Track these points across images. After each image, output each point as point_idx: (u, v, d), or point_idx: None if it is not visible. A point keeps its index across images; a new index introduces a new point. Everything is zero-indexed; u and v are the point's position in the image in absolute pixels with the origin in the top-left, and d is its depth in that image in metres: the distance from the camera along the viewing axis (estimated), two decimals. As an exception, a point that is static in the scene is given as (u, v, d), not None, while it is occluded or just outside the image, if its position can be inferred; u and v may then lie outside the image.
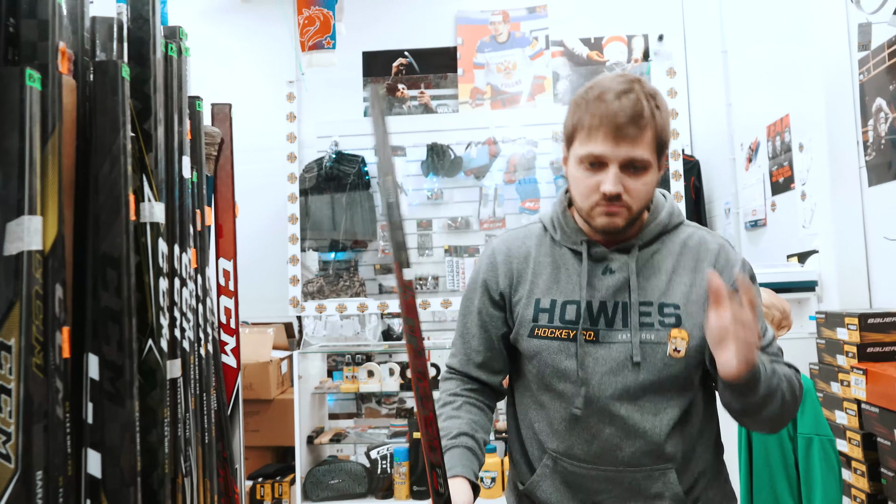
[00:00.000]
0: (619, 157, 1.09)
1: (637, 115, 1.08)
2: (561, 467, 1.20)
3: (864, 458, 2.26)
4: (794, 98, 3.21)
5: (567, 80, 4.75)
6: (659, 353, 1.14)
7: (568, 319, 1.17)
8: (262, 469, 3.67)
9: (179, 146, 0.97)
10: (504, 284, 1.24)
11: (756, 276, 1.24)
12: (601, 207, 1.12)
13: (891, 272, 2.61)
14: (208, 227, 1.16)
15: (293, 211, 3.61)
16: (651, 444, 1.15)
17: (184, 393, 0.95)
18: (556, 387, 1.19)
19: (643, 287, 1.16)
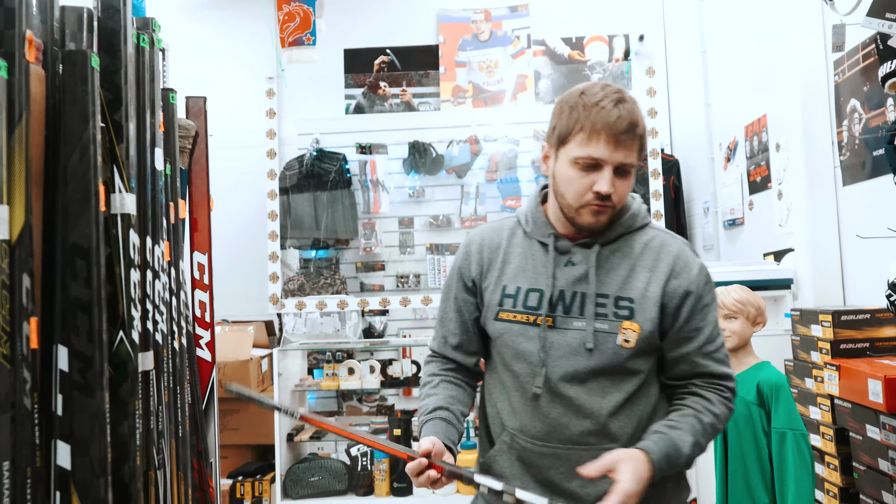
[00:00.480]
0: (616, 161, 1.19)
1: (633, 124, 1.19)
2: (517, 444, 1.28)
3: (837, 453, 2.30)
4: (771, 98, 3.25)
5: (548, 79, 4.77)
6: (610, 342, 1.23)
7: (530, 305, 1.26)
8: (242, 467, 3.65)
9: (152, 138, 0.96)
10: (476, 272, 1.34)
11: (713, 279, 1.33)
12: (592, 206, 1.22)
13: (864, 270, 2.65)
14: (182, 220, 1.15)
15: (273, 208, 3.60)
16: (597, 424, 1.23)
17: (157, 386, 0.94)
18: (514, 367, 1.28)
19: (602, 280, 1.25)
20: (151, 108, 0.94)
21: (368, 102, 4.80)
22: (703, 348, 1.27)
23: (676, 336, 1.27)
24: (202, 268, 1.19)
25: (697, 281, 1.27)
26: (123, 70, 0.86)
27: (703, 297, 1.28)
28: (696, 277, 1.27)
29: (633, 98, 1.23)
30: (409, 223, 4.50)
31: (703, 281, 1.28)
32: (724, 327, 2.17)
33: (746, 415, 2.10)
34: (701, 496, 2.86)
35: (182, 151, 1.19)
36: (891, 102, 2.39)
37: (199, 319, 1.19)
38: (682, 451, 1.18)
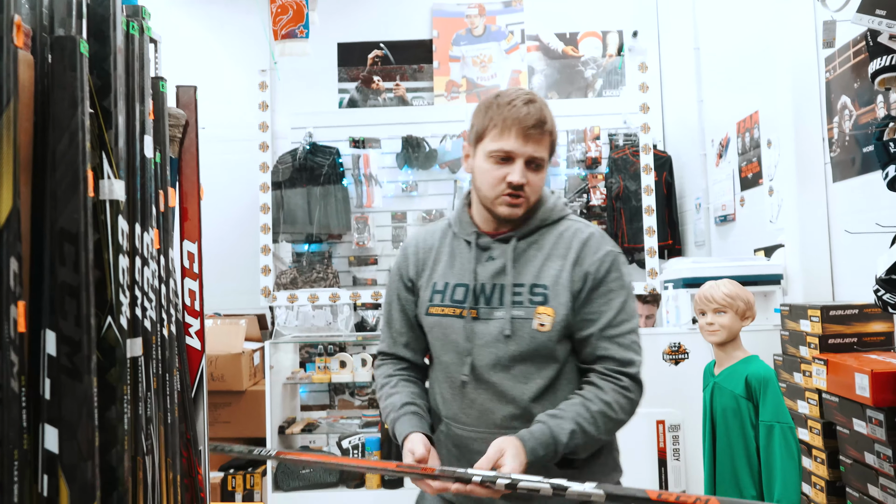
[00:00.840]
0: (526, 154, 1.31)
1: (542, 121, 1.31)
2: (452, 432, 1.37)
3: (825, 447, 2.32)
4: (763, 95, 3.26)
5: (542, 74, 4.78)
6: (526, 328, 1.31)
7: (456, 299, 1.37)
8: (233, 460, 3.65)
9: (141, 125, 0.97)
10: (413, 272, 1.45)
11: (624, 264, 1.41)
12: (506, 197, 1.32)
13: (853, 266, 2.67)
14: (172, 208, 1.15)
15: (265, 200, 3.60)
16: (519, 409, 1.31)
17: (145, 372, 0.94)
18: (444, 358, 1.38)
19: (518, 271, 1.35)
20: (141, 95, 0.95)
21: (362, 97, 4.79)
22: (604, 331, 1.33)
23: (579, 317, 1.34)
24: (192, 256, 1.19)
25: (599, 265, 1.34)
26: (112, 57, 0.87)
27: (605, 280, 1.35)
28: (599, 261, 1.35)
29: (544, 101, 1.35)
30: (402, 217, 4.51)
31: (607, 266, 1.35)
32: (712, 321, 2.19)
33: (735, 408, 2.11)
34: (689, 488, 2.88)
35: (172, 140, 1.19)
36: (881, 99, 2.41)
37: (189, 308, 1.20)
38: (560, 439, 1.24)
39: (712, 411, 2.21)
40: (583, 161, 4.34)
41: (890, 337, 2.38)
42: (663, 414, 2.92)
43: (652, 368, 2.90)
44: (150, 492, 0.92)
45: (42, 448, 0.78)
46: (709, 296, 2.20)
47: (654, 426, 2.92)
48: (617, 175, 4.23)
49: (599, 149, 4.33)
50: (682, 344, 2.94)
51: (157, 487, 0.96)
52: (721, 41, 3.87)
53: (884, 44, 1.96)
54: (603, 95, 4.74)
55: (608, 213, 4.27)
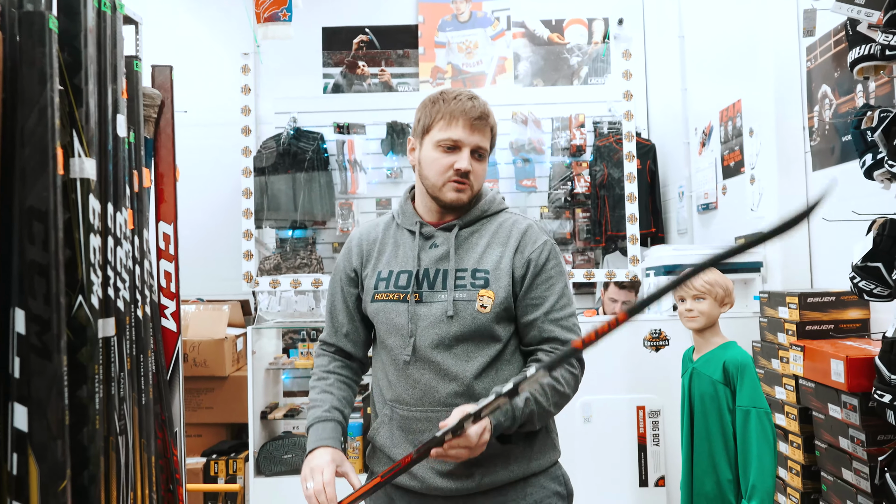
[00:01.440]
0: (472, 143, 1.40)
1: (485, 114, 1.43)
2: (396, 414, 1.42)
3: (801, 432, 2.35)
4: (745, 84, 3.28)
5: (528, 61, 4.77)
6: (469, 309, 1.38)
7: (400, 285, 1.43)
8: (216, 446, 3.65)
9: (114, 104, 0.95)
10: (357, 263, 1.51)
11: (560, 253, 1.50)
12: (453, 183, 1.41)
13: (831, 254, 2.70)
14: (147, 189, 1.14)
15: (247, 185, 3.57)
16: (462, 386, 1.38)
17: (118, 352, 0.94)
18: (388, 342, 1.44)
19: (461, 257, 1.43)
20: (113, 73, 0.93)
21: (347, 82, 4.76)
22: (549, 314, 1.42)
23: (524, 302, 1.43)
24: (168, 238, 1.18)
25: (539, 253, 1.44)
26: (83, 34, 0.85)
27: (545, 268, 1.44)
28: (539, 250, 1.44)
29: (485, 100, 1.47)
30: (386, 204, 4.49)
31: (546, 255, 1.45)
32: (691, 307, 2.21)
33: (712, 393, 2.14)
34: (668, 473, 2.92)
35: (147, 120, 1.17)
36: (860, 88, 2.43)
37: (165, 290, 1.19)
38: (517, 404, 1.32)
39: (690, 396, 2.23)
40: (567, 149, 4.34)
41: (866, 324, 2.41)
42: (643, 400, 2.95)
43: (633, 355, 2.95)
44: (122, 472, 0.91)
45: (11, 426, 0.77)
46: (688, 282, 2.22)
47: (634, 412, 2.95)
48: (601, 163, 4.24)
49: (584, 136, 4.33)
50: (662, 331, 2.97)
51: (131, 468, 0.96)
52: (705, 30, 3.88)
53: (863, 32, 1.98)
54: (588, 83, 4.73)
55: (592, 200, 4.28)
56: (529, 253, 1.44)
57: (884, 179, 1.97)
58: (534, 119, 4.31)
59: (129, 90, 1.04)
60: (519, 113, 4.29)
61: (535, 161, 4.37)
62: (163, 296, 1.20)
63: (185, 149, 4.41)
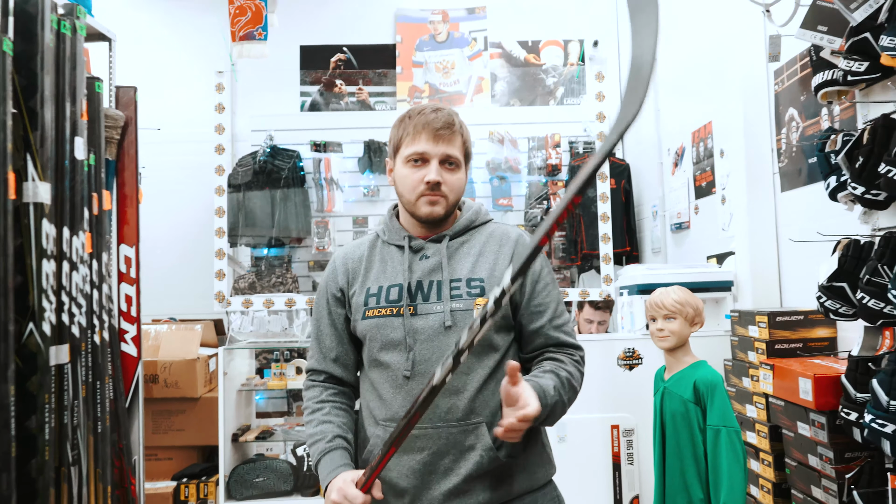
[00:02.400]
0: (439, 153, 1.38)
1: (449, 122, 1.40)
2: (389, 434, 1.33)
3: (771, 449, 2.37)
4: (716, 106, 3.33)
5: (504, 81, 4.81)
6: (467, 319, 1.36)
7: (392, 299, 1.40)
8: (187, 469, 3.58)
9: (72, 126, 0.94)
10: (343, 282, 1.47)
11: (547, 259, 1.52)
12: (426, 197, 1.39)
13: (800, 273, 2.74)
14: (108, 211, 1.13)
15: (220, 204, 3.54)
16: (463, 401, 1.34)
17: (72, 380, 0.92)
18: (384, 359, 1.39)
19: (453, 267, 1.42)
20: (72, 96, 0.92)
21: (324, 100, 4.76)
22: (553, 321, 1.44)
23: (527, 311, 1.43)
24: (129, 261, 1.16)
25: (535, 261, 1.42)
26: (40, 56, 0.84)
27: (541, 275, 1.45)
28: None
29: (454, 111, 1.45)
30: (363, 223, 4.48)
31: (541, 262, 1.46)
32: (662, 327, 2.22)
33: (683, 412, 2.15)
34: (643, 492, 2.92)
35: (109, 142, 1.16)
36: (825, 111, 2.48)
37: (125, 314, 1.17)
38: (549, 392, 1.31)
39: (662, 415, 2.24)
40: (543, 168, 4.38)
41: (833, 342, 2.45)
42: (618, 418, 2.95)
43: (607, 374, 2.96)
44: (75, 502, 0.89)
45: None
46: (659, 302, 2.24)
47: (608, 431, 2.95)
48: (576, 182, 4.26)
49: (560, 156, 4.37)
50: (636, 349, 2.98)
51: (85, 498, 0.93)
52: (677, 53, 3.94)
53: (826, 59, 2.03)
54: (564, 103, 4.78)
55: (568, 219, 4.31)
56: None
57: (847, 201, 2.01)
58: (510, 138, 4.34)
59: (89, 112, 1.03)
60: (496, 132, 4.32)
61: (512, 180, 4.39)
62: (123, 320, 1.18)
63: (159, 166, 4.42)
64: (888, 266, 1.75)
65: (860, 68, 1.87)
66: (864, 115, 2.04)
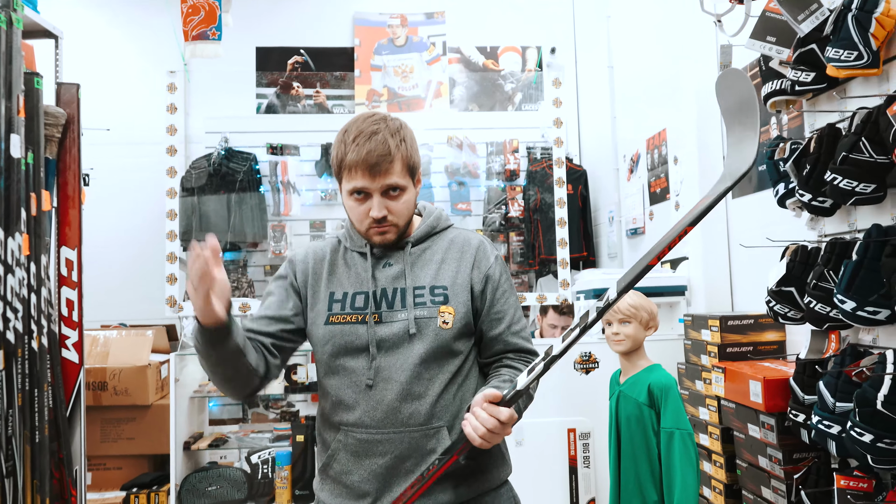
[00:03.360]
0: (377, 187, 1.35)
1: (384, 154, 1.33)
2: (352, 439, 1.38)
3: (723, 451, 2.41)
4: (670, 113, 3.40)
5: (463, 86, 4.82)
6: (431, 326, 1.38)
7: (357, 306, 1.40)
8: (137, 478, 3.48)
9: (7, 123, 0.90)
10: (303, 279, 1.46)
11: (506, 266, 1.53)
12: (374, 229, 1.38)
13: (750, 278, 2.80)
14: (47, 212, 1.08)
15: (172, 206, 3.46)
16: (425, 405, 1.36)
17: (6, 387, 0.87)
18: (347, 365, 1.38)
19: (416, 275, 1.42)
20: (7, 91, 0.88)
21: (281, 103, 4.70)
22: (511, 328, 1.46)
23: (487, 318, 1.45)
24: (70, 264, 1.12)
25: (494, 268, 1.47)
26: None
27: (500, 282, 1.47)
28: (493, 265, 1.47)
29: (395, 125, 1.38)
30: (320, 226, 4.43)
31: (500, 269, 1.48)
32: (618, 331, 2.25)
33: (638, 415, 2.17)
34: (599, 494, 2.94)
35: (49, 140, 1.11)
36: (774, 120, 2.54)
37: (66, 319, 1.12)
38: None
39: (617, 419, 2.26)
40: (502, 173, 4.40)
41: (782, 345, 2.50)
42: (574, 422, 2.97)
43: (563, 377, 2.97)
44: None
45: None
46: (615, 307, 2.26)
47: (565, 434, 2.96)
48: (534, 187, 4.30)
49: (518, 161, 4.40)
50: (592, 353, 3.00)
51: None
52: (633, 61, 4.01)
53: (774, 69, 2.07)
54: (522, 109, 4.82)
55: (526, 224, 4.34)
56: (486, 268, 1.45)
57: (795, 208, 2.06)
58: (469, 143, 4.35)
59: (27, 108, 0.99)
60: (454, 137, 4.33)
61: (470, 185, 4.41)
62: (64, 325, 1.13)
63: (109, 168, 4.30)
64: (834, 271, 1.80)
65: (807, 79, 1.92)
66: (811, 123, 2.10)
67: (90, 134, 2.79)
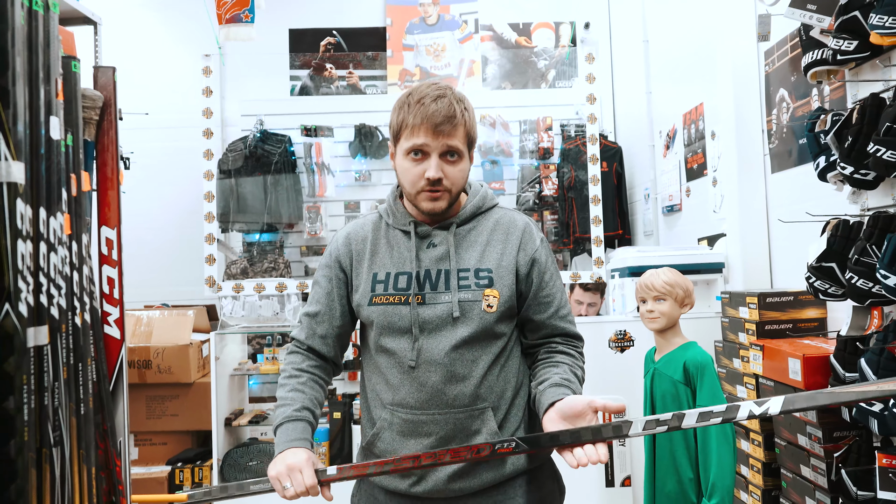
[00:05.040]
0: (438, 147, 1.34)
1: (450, 116, 1.34)
2: (397, 418, 1.39)
3: (761, 430, 2.38)
4: (707, 87, 3.32)
5: (496, 64, 4.78)
6: (475, 309, 1.37)
7: (400, 287, 1.39)
8: (182, 454, 3.59)
9: (47, 106, 0.93)
10: (346, 262, 1.46)
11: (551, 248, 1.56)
12: (426, 193, 1.36)
13: (790, 255, 2.74)
14: (87, 192, 1.12)
15: (209, 188, 3.52)
16: (469, 387, 1.36)
17: (52, 361, 0.91)
18: (390, 346, 1.39)
19: (461, 256, 1.41)
20: (46, 74, 0.91)
21: (314, 84, 4.73)
22: (559, 312, 1.46)
23: (534, 301, 1.43)
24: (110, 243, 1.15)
25: (540, 251, 1.45)
26: (11, 33, 0.83)
27: (547, 265, 1.46)
28: (540, 247, 1.45)
29: (459, 95, 1.40)
30: (354, 207, 4.47)
31: (546, 252, 1.47)
32: (652, 308, 2.23)
33: (673, 392, 2.16)
34: (634, 473, 2.94)
35: (87, 122, 1.15)
36: (815, 92, 2.47)
37: (108, 296, 1.16)
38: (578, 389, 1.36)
39: (652, 397, 2.25)
40: (535, 152, 4.36)
41: (823, 322, 2.46)
42: (609, 400, 2.96)
43: (598, 356, 2.96)
44: (58, 484, 0.89)
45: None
46: (649, 284, 2.24)
47: (600, 412, 2.96)
48: (568, 165, 4.26)
49: (552, 139, 4.36)
50: (627, 331, 2.99)
51: (69, 480, 0.93)
52: (669, 34, 3.92)
53: (815, 38, 2.01)
54: (556, 86, 4.77)
55: (560, 203, 4.31)
56: (532, 251, 1.44)
57: (836, 181, 2.01)
58: (502, 122, 4.33)
59: (65, 91, 1.02)
60: (487, 116, 4.30)
61: (504, 164, 4.39)
62: (105, 302, 1.17)
63: (148, 152, 4.39)
64: (876, 246, 1.75)
65: (849, 47, 1.86)
66: (853, 94, 2.03)
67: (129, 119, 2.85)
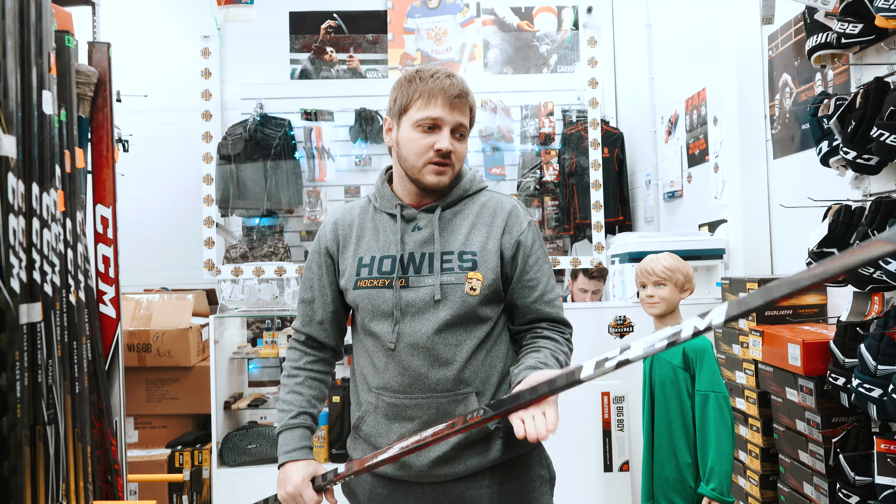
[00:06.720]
0: (452, 122, 1.36)
1: (464, 92, 1.38)
2: (382, 402, 1.39)
3: (760, 415, 2.38)
4: (710, 73, 3.30)
5: (497, 49, 4.75)
6: (458, 292, 1.36)
7: (384, 270, 1.39)
8: (182, 437, 3.60)
9: (39, 80, 0.91)
10: (333, 247, 1.47)
11: (540, 234, 1.50)
12: (433, 165, 1.36)
13: (791, 240, 2.73)
14: (81, 169, 1.10)
15: (208, 171, 3.50)
16: (452, 371, 1.36)
17: (46, 338, 0.91)
18: (374, 329, 1.39)
19: (445, 239, 1.40)
20: (38, 48, 0.89)
21: (314, 68, 4.70)
22: (544, 296, 1.44)
23: (518, 285, 1.42)
24: (105, 221, 1.14)
25: (526, 234, 1.44)
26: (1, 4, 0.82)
27: (533, 249, 1.44)
28: (526, 231, 1.44)
29: (462, 78, 1.42)
30: (354, 192, 4.46)
31: (533, 236, 1.45)
32: (652, 294, 2.22)
33: (672, 378, 2.15)
34: (633, 458, 2.94)
35: (82, 99, 1.13)
36: (819, 76, 2.44)
37: (103, 275, 1.15)
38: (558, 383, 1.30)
39: (651, 382, 2.25)
40: (536, 137, 4.34)
41: (823, 309, 2.45)
42: (608, 386, 2.96)
43: (598, 341, 2.96)
44: (52, 462, 0.88)
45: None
46: (649, 269, 2.23)
47: (599, 398, 2.96)
48: (570, 151, 4.24)
49: (553, 125, 4.33)
50: (627, 317, 2.98)
51: (63, 457, 0.92)
52: (671, 19, 3.89)
53: (819, 21, 1.99)
54: (557, 71, 4.73)
55: (561, 188, 4.29)
56: (518, 234, 1.42)
57: (839, 166, 1.99)
58: (503, 107, 4.30)
59: (58, 66, 1.00)
60: (489, 101, 4.28)
61: (505, 149, 4.37)
62: (101, 281, 1.16)
63: (147, 135, 4.37)
64: (878, 231, 1.74)
65: (854, 30, 1.84)
66: (857, 78, 2.01)
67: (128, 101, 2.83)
